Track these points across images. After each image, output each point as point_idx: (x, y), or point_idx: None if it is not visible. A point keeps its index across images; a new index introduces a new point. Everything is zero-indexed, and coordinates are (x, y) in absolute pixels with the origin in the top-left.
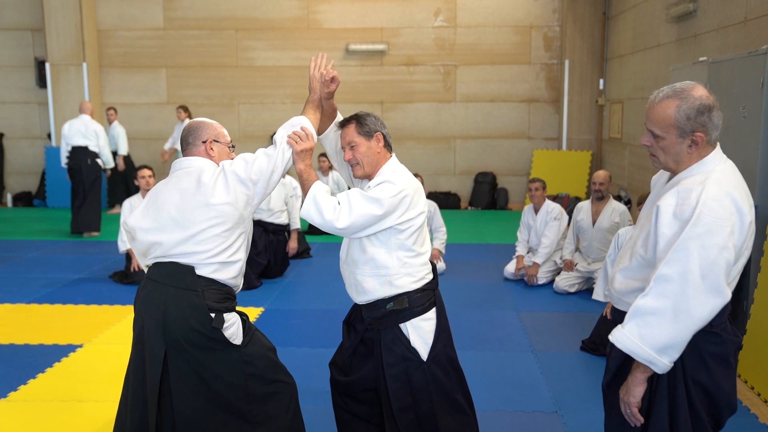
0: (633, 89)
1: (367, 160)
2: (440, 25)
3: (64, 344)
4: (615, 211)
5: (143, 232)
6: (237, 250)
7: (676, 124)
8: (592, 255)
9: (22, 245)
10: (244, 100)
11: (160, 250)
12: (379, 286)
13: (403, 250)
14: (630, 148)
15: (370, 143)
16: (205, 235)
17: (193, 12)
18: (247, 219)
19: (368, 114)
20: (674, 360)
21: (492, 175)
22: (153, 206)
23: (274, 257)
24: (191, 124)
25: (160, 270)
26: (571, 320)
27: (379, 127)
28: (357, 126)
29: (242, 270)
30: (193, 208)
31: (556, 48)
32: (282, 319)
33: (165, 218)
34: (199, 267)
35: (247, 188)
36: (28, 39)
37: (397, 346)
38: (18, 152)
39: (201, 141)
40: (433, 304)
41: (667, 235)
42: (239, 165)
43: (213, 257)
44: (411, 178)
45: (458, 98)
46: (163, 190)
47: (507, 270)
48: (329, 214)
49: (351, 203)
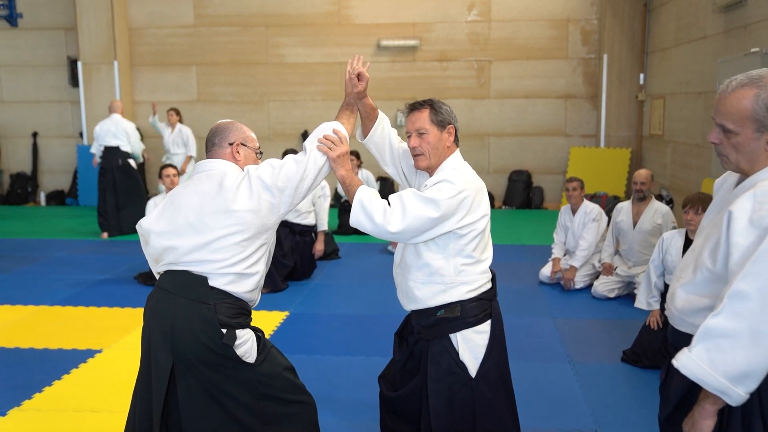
0: (676, 84)
1: (435, 151)
2: (474, 19)
3: (83, 349)
4: (657, 212)
5: (157, 235)
6: (256, 261)
7: (754, 116)
8: (633, 258)
9: (52, 245)
10: (275, 98)
11: (172, 256)
12: (432, 294)
13: (462, 257)
14: (672, 146)
15: (441, 134)
16: (221, 243)
17: (223, 9)
18: (270, 229)
19: (442, 103)
20: (751, 390)
21: (527, 174)
22: (170, 209)
23: (300, 259)
24: (219, 124)
25: (171, 278)
26: (610, 328)
27: (452, 119)
28: (431, 113)
29: (260, 284)
30: (212, 213)
31: (594, 42)
32: (307, 324)
33: (181, 222)
34: (213, 277)
35: (273, 196)
36: (61, 38)
37: (444, 359)
38: (51, 151)
39: (227, 143)
40: (489, 315)
41: (742, 245)
42: (265, 170)
43: (228, 267)
44: (473, 177)
45: (492, 95)
46: (182, 192)
47: (542, 273)
48: (380, 218)
49: (404, 205)
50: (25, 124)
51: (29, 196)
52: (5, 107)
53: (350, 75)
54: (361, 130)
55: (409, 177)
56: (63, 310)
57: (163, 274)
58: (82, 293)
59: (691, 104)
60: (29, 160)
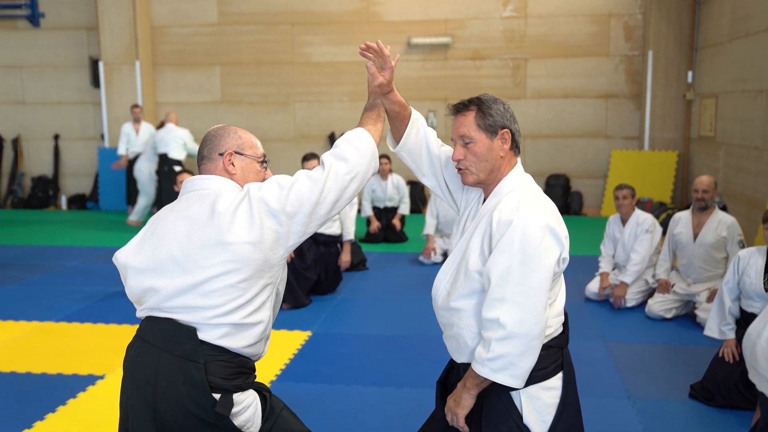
0: (730, 81)
1: (484, 164)
2: (509, 15)
3: (84, 374)
4: (722, 223)
5: (136, 273)
6: (258, 308)
7: None
8: (693, 275)
9: (67, 252)
10: (300, 98)
11: (154, 300)
12: None
13: None
14: (726, 148)
15: (492, 142)
16: (213, 285)
17: (248, 6)
18: (275, 266)
19: (495, 99)
20: None
21: (565, 178)
22: (151, 239)
23: (325, 272)
24: (210, 131)
25: (153, 327)
26: (672, 355)
27: (507, 121)
28: (478, 115)
29: (265, 334)
30: (201, 246)
31: (638, 38)
32: (331, 347)
33: (164, 256)
34: (203, 329)
35: (280, 223)
36: (83, 38)
37: (503, 422)
38: (73, 154)
39: (218, 153)
40: (560, 367)
41: None
42: (271, 190)
43: (223, 317)
44: (544, 200)
45: (528, 94)
46: (166, 217)
47: (589, 289)
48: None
49: (526, 306)
50: (47, 126)
51: (50, 200)
52: (27, 109)
53: (369, 70)
54: (390, 135)
55: (455, 192)
56: (68, 327)
57: (144, 320)
58: (91, 308)
59: (748, 103)
60: (51, 163)
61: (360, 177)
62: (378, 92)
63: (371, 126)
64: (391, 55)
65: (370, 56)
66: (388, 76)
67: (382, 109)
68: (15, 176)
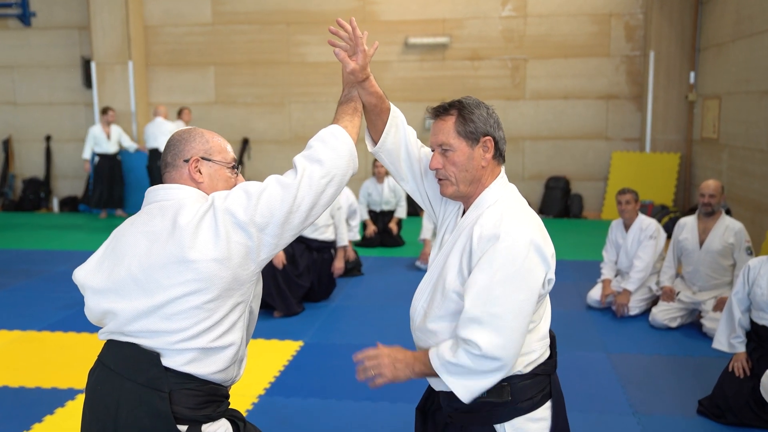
0: (734, 82)
1: (464, 174)
2: (508, 15)
3: (64, 388)
4: (729, 229)
5: (93, 294)
6: (228, 330)
7: None
8: (699, 282)
9: (55, 257)
10: (296, 99)
11: (114, 323)
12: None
13: None
14: (729, 150)
15: (473, 151)
16: (176, 307)
17: (242, 5)
18: (246, 282)
19: (478, 103)
20: None
21: (565, 180)
22: (111, 256)
23: (318, 279)
24: (173, 135)
25: (114, 353)
26: (678, 368)
27: (490, 128)
28: (458, 120)
29: (238, 357)
30: (162, 264)
31: (639, 38)
32: (323, 358)
33: (123, 276)
34: (168, 354)
35: (249, 236)
36: (75, 37)
37: None
38: (65, 155)
39: (182, 159)
40: (548, 396)
41: None
42: (238, 200)
43: (188, 341)
44: (529, 214)
45: (528, 95)
46: (126, 232)
47: (591, 297)
48: (476, 366)
49: (499, 313)
50: (39, 128)
51: (42, 202)
52: (18, 110)
53: (337, 52)
54: (368, 133)
55: (434, 201)
56: (51, 336)
57: (106, 344)
58: (76, 315)
59: (752, 105)
60: (42, 165)
61: (337, 180)
62: (351, 80)
63: (348, 122)
64: (390, 56)
65: (340, 43)
66: (361, 60)
67: (359, 102)
68: (6, 178)
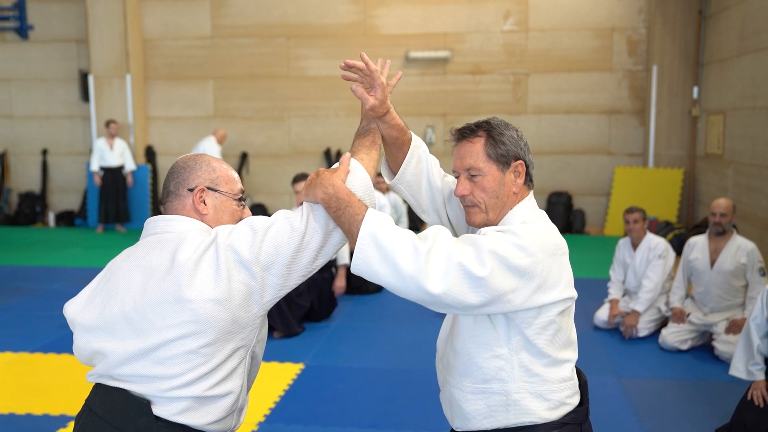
0: (739, 98)
1: (495, 201)
2: (510, 29)
3: (56, 414)
4: (741, 249)
5: (83, 331)
6: (227, 377)
7: None
8: (710, 304)
9: (50, 273)
10: (296, 113)
11: (103, 365)
12: (488, 411)
13: (530, 353)
14: (735, 166)
15: (504, 176)
16: (170, 351)
17: (242, 19)
18: (248, 326)
19: (507, 124)
20: None
21: (567, 195)
22: (104, 291)
23: (318, 298)
24: (178, 161)
25: (102, 398)
26: (692, 393)
27: (521, 151)
28: (488, 143)
29: (237, 406)
30: (157, 302)
31: (642, 53)
32: (325, 382)
33: (115, 313)
34: (159, 402)
35: (252, 276)
36: (72, 51)
37: None
38: (61, 169)
39: (187, 189)
40: None
41: None
42: (242, 236)
43: (182, 388)
44: (551, 237)
45: (530, 110)
46: (122, 265)
47: (598, 317)
48: (410, 265)
49: (448, 249)
50: (35, 141)
51: (38, 217)
52: (15, 123)
53: (356, 90)
54: (386, 163)
55: (459, 231)
56: (43, 358)
57: (94, 388)
58: (71, 336)
59: (759, 120)
60: (38, 179)
61: None
62: (371, 116)
63: (365, 155)
64: (390, 70)
65: (354, 76)
66: (380, 95)
67: (378, 134)
68: (2, 192)
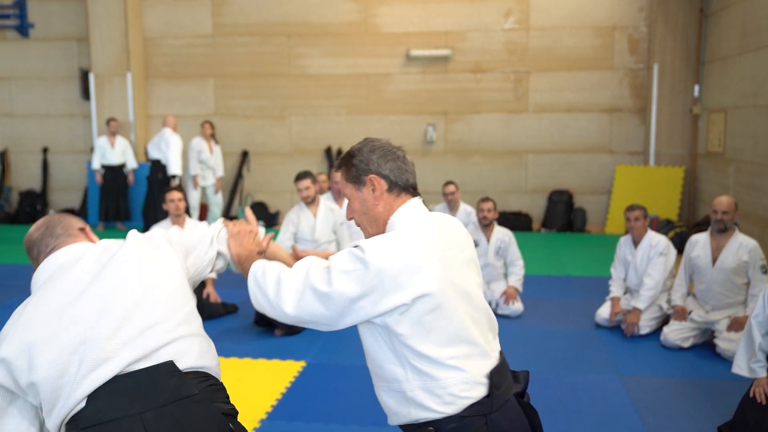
0: (741, 96)
1: (365, 218)
2: (511, 27)
3: None
4: (743, 246)
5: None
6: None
7: None
8: (712, 302)
9: None
10: (297, 111)
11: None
12: (396, 407)
13: (413, 354)
14: (736, 164)
15: (362, 193)
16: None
17: (243, 17)
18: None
19: (366, 143)
20: None
21: (568, 194)
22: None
23: None
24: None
25: (130, 384)
26: (694, 391)
27: (374, 165)
28: (344, 169)
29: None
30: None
31: (643, 51)
32: (326, 380)
33: (111, 325)
34: (180, 357)
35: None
36: (73, 49)
37: None
38: (62, 168)
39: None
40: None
41: None
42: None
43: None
44: (407, 240)
45: (531, 108)
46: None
47: (600, 315)
48: (272, 292)
49: (307, 274)
50: (36, 140)
51: (38, 215)
52: (15, 121)
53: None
54: None
55: None
56: None
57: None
58: None
59: (760, 119)
60: (39, 177)
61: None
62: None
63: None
64: (391, 69)
65: None
66: (262, 243)
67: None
68: (2, 190)
